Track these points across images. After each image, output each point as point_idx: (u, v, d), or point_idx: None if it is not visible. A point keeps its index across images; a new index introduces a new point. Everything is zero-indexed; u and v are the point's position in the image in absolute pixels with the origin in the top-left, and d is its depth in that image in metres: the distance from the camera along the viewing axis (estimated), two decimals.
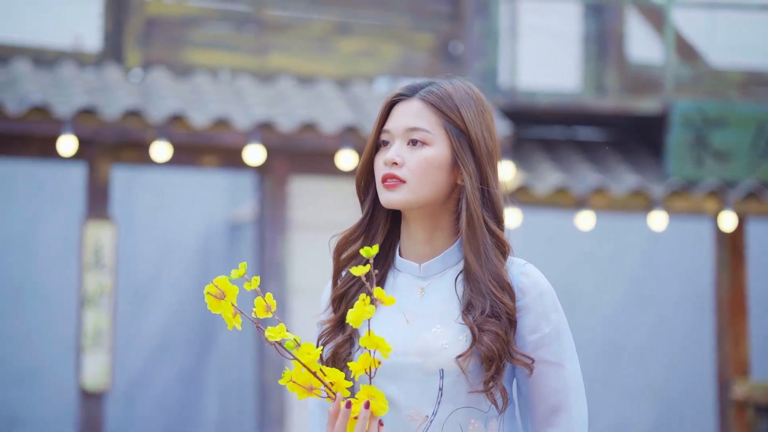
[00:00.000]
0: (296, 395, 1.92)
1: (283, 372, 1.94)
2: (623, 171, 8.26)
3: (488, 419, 2.07)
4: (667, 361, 10.48)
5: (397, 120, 2.11)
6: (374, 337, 1.92)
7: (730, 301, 8.40)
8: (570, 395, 2.07)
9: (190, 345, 10.23)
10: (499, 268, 2.07)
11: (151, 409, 9.96)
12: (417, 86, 2.14)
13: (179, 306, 10.16)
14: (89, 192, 7.43)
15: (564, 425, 2.07)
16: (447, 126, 2.10)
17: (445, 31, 8.42)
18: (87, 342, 7.28)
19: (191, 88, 7.70)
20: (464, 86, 2.15)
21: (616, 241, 10.05)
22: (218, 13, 8.12)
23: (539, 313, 2.08)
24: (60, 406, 9.36)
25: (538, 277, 2.10)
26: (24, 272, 9.60)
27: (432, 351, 2.05)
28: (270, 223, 7.79)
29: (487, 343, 2.02)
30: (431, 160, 2.08)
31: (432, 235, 2.13)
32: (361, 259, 2.12)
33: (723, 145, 8.12)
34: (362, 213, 2.15)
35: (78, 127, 7.08)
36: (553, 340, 2.07)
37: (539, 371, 2.07)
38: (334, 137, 7.43)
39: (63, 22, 7.93)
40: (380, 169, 2.10)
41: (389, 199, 2.08)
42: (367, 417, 1.93)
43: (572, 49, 8.76)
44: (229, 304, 1.92)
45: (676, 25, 8.70)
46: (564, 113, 8.31)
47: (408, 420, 2.06)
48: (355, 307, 1.91)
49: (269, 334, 1.90)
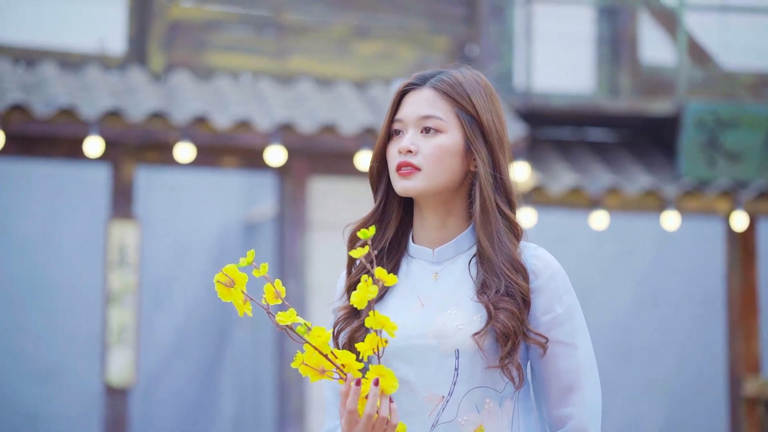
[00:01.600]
0: (311, 382, 1.96)
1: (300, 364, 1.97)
2: (636, 171, 8.28)
3: (503, 399, 2.07)
4: (678, 358, 10.43)
5: (409, 109, 2.11)
6: (379, 316, 1.92)
7: (742, 299, 8.40)
8: (583, 375, 2.07)
9: (206, 343, 10.27)
10: (513, 251, 2.07)
11: (168, 406, 10.00)
12: (427, 75, 2.14)
13: (195, 304, 10.22)
14: (114, 192, 7.55)
15: (578, 404, 2.06)
16: (459, 113, 2.10)
17: (460, 34, 8.50)
18: (112, 339, 7.42)
19: (213, 90, 7.82)
20: (473, 74, 2.15)
21: (629, 241, 10.02)
22: (239, 17, 8.23)
23: (552, 294, 2.08)
24: (82, 403, 9.45)
25: (550, 259, 2.11)
26: (47, 271, 9.67)
27: (447, 333, 2.06)
28: (290, 223, 7.89)
29: (502, 320, 2.03)
30: (445, 147, 2.09)
31: (445, 221, 2.13)
32: (374, 247, 2.12)
33: (735, 146, 8.14)
34: (375, 202, 2.15)
35: (104, 128, 7.20)
36: (566, 321, 2.08)
37: (553, 351, 2.07)
38: (352, 138, 7.52)
39: (88, 26, 8.07)
40: (394, 158, 2.10)
41: (405, 186, 2.08)
42: (377, 394, 1.93)
43: (586, 52, 8.81)
44: (239, 291, 1.93)
45: (689, 27, 8.71)
46: (578, 115, 8.35)
47: (425, 401, 2.06)
48: (358, 289, 1.92)
49: (279, 318, 1.91)
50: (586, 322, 2.12)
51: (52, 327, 9.64)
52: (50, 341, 9.63)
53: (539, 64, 8.33)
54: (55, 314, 9.64)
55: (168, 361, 10.04)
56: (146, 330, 9.51)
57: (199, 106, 7.37)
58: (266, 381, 9.50)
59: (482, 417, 2.05)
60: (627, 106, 8.38)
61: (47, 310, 9.64)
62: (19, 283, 9.64)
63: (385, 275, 1.92)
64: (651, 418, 10.24)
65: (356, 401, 1.94)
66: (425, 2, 8.45)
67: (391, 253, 2.16)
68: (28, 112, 7.10)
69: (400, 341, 2.05)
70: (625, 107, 8.37)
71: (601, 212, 7.97)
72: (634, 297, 10.34)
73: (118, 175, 7.55)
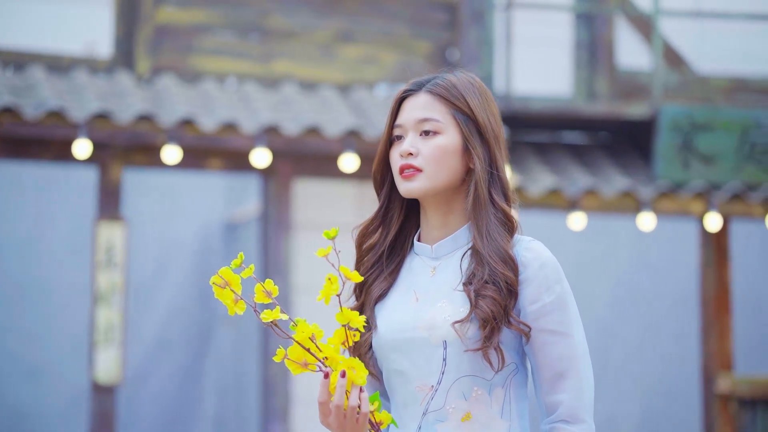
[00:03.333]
0: (294, 375, 2.09)
1: (282, 358, 2.04)
2: (613, 173, 8.32)
3: (492, 387, 2.11)
4: (655, 357, 10.45)
5: (407, 114, 2.18)
6: (346, 311, 2.00)
7: (715, 298, 8.45)
8: (574, 363, 2.09)
9: (190, 342, 10.30)
10: (503, 244, 2.11)
11: (150, 404, 10.01)
12: (423, 81, 2.21)
13: (179, 304, 10.25)
14: (101, 193, 7.63)
15: (569, 391, 2.09)
16: (455, 114, 2.16)
17: (442, 39, 8.58)
18: (99, 337, 7.53)
19: (199, 93, 7.91)
20: (466, 76, 2.21)
21: (606, 241, 10.10)
22: (225, 22, 8.32)
23: (540, 285, 2.10)
24: (70, 400, 9.52)
25: (541, 251, 2.13)
26: (36, 271, 9.69)
27: (436, 324, 2.11)
28: (274, 224, 7.98)
29: (483, 307, 2.06)
30: (444, 147, 2.15)
31: (446, 219, 2.19)
32: (378, 248, 2.22)
33: (709, 149, 8.19)
34: (379, 204, 2.24)
35: (92, 131, 7.28)
36: (556, 310, 2.10)
37: (543, 340, 2.10)
38: (337, 141, 7.60)
39: (76, 30, 8.15)
40: (396, 162, 2.17)
41: (409, 188, 2.16)
42: (344, 386, 1.99)
43: (564, 57, 8.84)
44: (230, 291, 2.01)
45: (664, 33, 8.77)
46: (556, 118, 8.39)
47: (417, 391, 2.12)
48: (323, 287, 1.99)
49: (263, 316, 1.98)
50: (578, 313, 2.15)
51: (41, 326, 9.68)
52: (39, 340, 9.66)
53: (519, 68, 8.35)
54: (43, 313, 9.68)
55: (152, 360, 10.08)
56: (131, 329, 9.58)
57: (185, 109, 7.44)
58: (249, 379, 9.57)
59: (470, 405, 2.10)
60: (604, 110, 8.41)
61: (36, 309, 9.68)
62: (8, 282, 9.68)
63: (349, 273, 2.00)
64: (628, 416, 10.30)
65: (326, 394, 2.00)
66: (408, 8, 8.56)
67: (396, 252, 2.23)
68: (18, 114, 7.18)
69: (396, 334, 2.14)
70: (602, 111, 8.41)
71: (579, 213, 8.02)
72: (612, 297, 10.40)
73: (105, 177, 7.63)
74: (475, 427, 2.10)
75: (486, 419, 2.10)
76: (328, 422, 2.04)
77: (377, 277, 2.22)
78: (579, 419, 2.09)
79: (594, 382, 2.13)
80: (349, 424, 2.02)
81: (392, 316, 2.17)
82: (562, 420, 2.09)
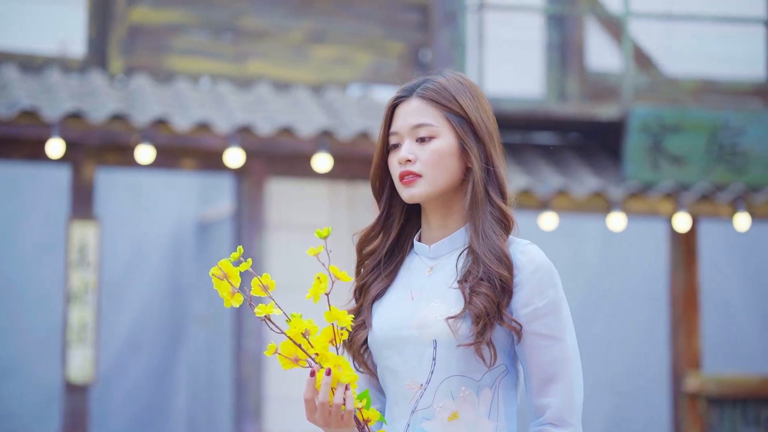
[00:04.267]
0: (284, 370, 2.07)
1: (274, 353, 2.06)
2: (584, 174, 8.36)
3: (480, 388, 2.12)
4: (624, 355, 10.48)
5: (401, 120, 2.19)
6: (335, 310, 2.01)
7: (684, 297, 8.51)
8: (564, 367, 2.11)
9: (161, 341, 10.30)
10: (498, 242, 2.13)
11: (122, 403, 9.99)
12: (413, 86, 2.21)
13: (151, 303, 10.22)
14: (74, 193, 7.64)
15: (558, 395, 2.11)
16: (448, 116, 2.17)
17: (415, 40, 8.64)
18: (72, 336, 7.54)
19: (173, 93, 7.93)
20: (456, 76, 2.22)
21: (577, 241, 10.17)
22: (198, 22, 8.34)
23: (532, 289, 2.11)
24: (42, 400, 9.50)
25: (535, 254, 2.15)
26: (9, 270, 9.64)
27: (428, 323, 2.12)
28: (247, 223, 8.01)
29: (476, 303, 2.08)
30: (440, 151, 2.17)
31: (446, 221, 2.21)
32: (378, 252, 2.25)
33: (678, 150, 8.25)
34: (379, 210, 2.25)
35: (65, 130, 7.29)
36: (548, 314, 2.11)
37: (534, 343, 2.11)
38: (310, 141, 7.64)
39: (48, 29, 8.16)
40: (396, 169, 2.19)
41: (410, 193, 2.17)
42: (329, 383, 2.01)
43: (535, 58, 8.92)
44: (227, 283, 2.03)
45: (634, 35, 8.84)
46: (528, 119, 8.42)
47: (406, 389, 2.14)
48: (312, 285, 2.01)
49: (258, 310, 2.00)
50: (571, 318, 2.17)
51: (13, 325, 9.64)
52: (10, 339, 9.63)
53: (490, 69, 8.38)
54: (15, 313, 9.64)
55: (124, 359, 10.07)
56: (103, 328, 9.56)
57: (159, 109, 7.45)
58: (221, 378, 9.58)
59: (457, 404, 2.11)
60: (575, 111, 8.46)
61: (9, 308, 9.65)
62: None
63: (338, 272, 2.02)
64: (596, 415, 10.36)
65: (311, 391, 2.03)
66: (381, 9, 8.61)
67: (396, 253, 2.25)
68: None
69: (390, 332, 2.17)
70: (572, 112, 8.45)
71: (550, 213, 8.06)
72: (583, 296, 10.45)
73: (78, 176, 7.64)
74: (462, 427, 2.12)
75: (473, 419, 2.12)
76: (314, 419, 2.06)
77: (376, 278, 2.24)
78: (566, 423, 2.11)
79: (583, 386, 2.16)
80: (334, 420, 2.04)
81: (387, 314, 2.19)
82: (549, 423, 2.11)
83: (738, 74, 9.34)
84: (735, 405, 8.43)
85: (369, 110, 8.11)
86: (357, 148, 7.80)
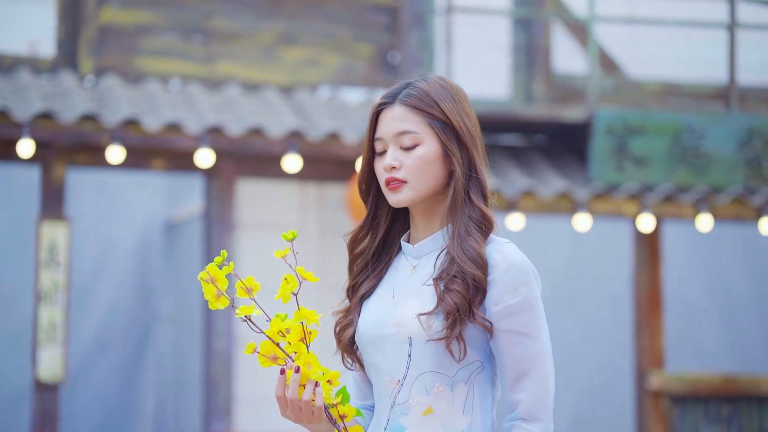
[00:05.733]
0: (263, 368, 2.15)
1: (253, 351, 2.14)
2: (550, 175, 8.41)
3: (455, 384, 2.18)
4: (589, 354, 10.53)
5: (385, 127, 2.24)
6: (303, 310, 2.09)
7: (647, 297, 8.58)
8: (536, 363, 2.16)
9: (129, 341, 10.28)
10: (474, 245, 2.18)
11: (90, 403, 9.98)
12: (396, 92, 2.25)
13: (118, 303, 10.21)
14: (44, 193, 7.65)
15: (529, 390, 2.15)
16: (432, 122, 2.22)
17: (384, 41, 8.68)
18: (42, 336, 7.56)
19: (143, 94, 7.94)
20: (437, 80, 2.26)
21: (543, 242, 10.23)
22: (168, 23, 8.36)
23: (504, 287, 2.16)
24: (11, 399, 9.48)
25: (509, 253, 2.19)
26: None
27: (404, 321, 2.18)
28: (217, 223, 8.04)
29: (448, 300, 2.13)
30: (424, 157, 2.22)
31: (430, 222, 2.27)
32: (367, 252, 2.31)
33: (642, 152, 8.31)
34: (366, 212, 2.32)
35: (35, 130, 7.29)
36: (521, 311, 2.16)
37: (506, 340, 2.16)
38: (279, 141, 7.67)
39: (18, 30, 8.16)
40: (382, 175, 2.25)
41: (397, 199, 2.24)
42: (297, 380, 2.10)
43: (502, 61, 8.98)
44: (213, 287, 2.11)
45: (599, 38, 8.91)
46: (495, 120, 8.43)
47: (387, 384, 2.21)
48: (279, 286, 2.09)
49: (239, 311, 2.08)
50: (545, 316, 2.22)
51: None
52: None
53: (458, 71, 8.41)
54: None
55: (91, 359, 10.05)
56: (70, 328, 9.53)
57: (129, 109, 7.47)
58: (189, 378, 9.60)
59: (432, 399, 2.17)
60: (541, 113, 8.51)
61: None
62: None
63: (304, 273, 2.11)
64: (562, 414, 10.44)
65: (282, 388, 2.12)
66: (349, 11, 8.66)
67: (384, 254, 2.32)
68: None
69: (372, 329, 2.23)
70: (539, 114, 8.51)
71: (517, 214, 8.11)
72: (550, 296, 10.50)
73: (49, 176, 7.65)
74: (436, 422, 2.17)
75: (447, 414, 2.17)
76: (287, 414, 2.14)
77: (366, 278, 2.30)
78: (537, 418, 2.15)
79: (554, 383, 2.20)
80: (305, 416, 2.13)
81: (370, 313, 2.26)
82: (520, 418, 2.15)
83: (700, 77, 9.43)
84: (697, 403, 8.51)
85: (338, 111, 8.17)
86: (326, 149, 7.86)
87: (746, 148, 8.53)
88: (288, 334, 2.11)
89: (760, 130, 8.55)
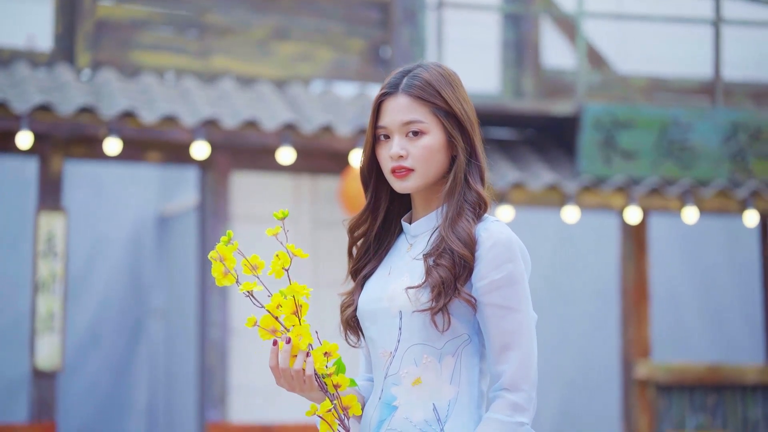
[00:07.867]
0: (263, 340, 2.25)
1: (254, 325, 2.24)
2: (540, 168, 8.47)
3: (442, 356, 2.25)
4: (577, 344, 10.56)
5: (390, 116, 2.30)
6: (294, 284, 2.19)
7: (634, 288, 8.65)
8: (519, 336, 2.22)
9: (121, 333, 10.30)
10: (465, 225, 2.25)
11: (83, 394, 10.02)
12: (397, 81, 2.31)
13: (111, 295, 10.23)
14: (42, 184, 7.73)
15: (512, 362, 2.22)
16: (436, 112, 2.29)
17: (376, 37, 8.75)
18: (40, 325, 7.66)
19: (139, 87, 8.01)
20: (435, 68, 2.32)
21: (532, 234, 10.30)
22: (163, 18, 8.42)
23: (489, 263, 2.23)
24: (9, 387, 9.54)
25: (495, 230, 2.26)
26: None
27: (396, 296, 2.27)
28: (212, 215, 8.10)
29: (434, 274, 2.21)
30: (431, 146, 2.30)
31: (429, 203, 2.36)
32: (368, 235, 2.40)
33: (629, 145, 8.39)
34: (367, 197, 2.40)
35: (33, 122, 7.37)
36: (504, 286, 2.22)
37: (491, 313, 2.23)
38: (273, 134, 7.74)
39: (16, 24, 8.23)
40: (387, 162, 2.32)
41: (404, 186, 2.31)
42: (289, 351, 2.18)
43: (492, 56, 9.04)
44: (221, 264, 2.22)
45: (587, 34, 8.99)
46: (485, 114, 8.40)
47: (381, 357, 2.31)
48: (271, 263, 2.19)
49: (242, 286, 2.20)
50: (529, 292, 2.27)
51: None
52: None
53: (449, 66, 8.54)
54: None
55: (84, 351, 10.09)
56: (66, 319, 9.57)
57: (126, 102, 7.52)
58: (181, 369, 9.64)
59: (420, 370, 2.25)
60: (530, 107, 8.59)
61: None
62: None
63: (295, 249, 2.21)
64: (548, 404, 10.46)
65: (274, 359, 2.20)
66: (342, 6, 8.74)
67: (385, 235, 2.41)
68: None
69: (368, 305, 2.34)
70: (528, 108, 8.58)
71: (507, 207, 8.18)
72: (539, 287, 10.56)
73: (46, 168, 7.74)
74: (425, 391, 2.26)
75: (435, 384, 2.26)
76: (281, 383, 2.24)
77: (369, 260, 2.39)
78: (518, 389, 2.21)
79: (536, 354, 2.27)
80: (297, 384, 2.22)
81: (368, 290, 2.36)
82: (503, 389, 2.22)
83: (687, 73, 9.51)
84: (683, 392, 8.59)
85: (331, 105, 8.26)
86: (319, 142, 7.95)
87: (731, 142, 8.61)
88: (280, 308, 2.20)
89: (744, 124, 8.63)
